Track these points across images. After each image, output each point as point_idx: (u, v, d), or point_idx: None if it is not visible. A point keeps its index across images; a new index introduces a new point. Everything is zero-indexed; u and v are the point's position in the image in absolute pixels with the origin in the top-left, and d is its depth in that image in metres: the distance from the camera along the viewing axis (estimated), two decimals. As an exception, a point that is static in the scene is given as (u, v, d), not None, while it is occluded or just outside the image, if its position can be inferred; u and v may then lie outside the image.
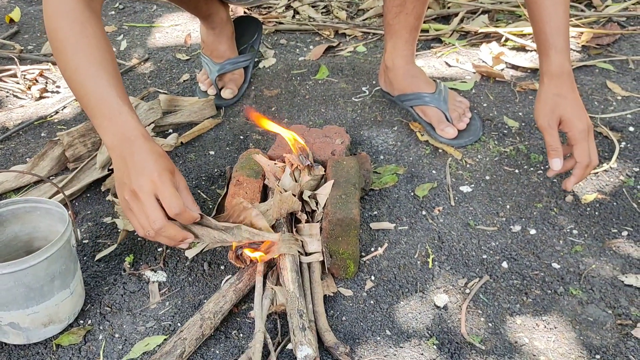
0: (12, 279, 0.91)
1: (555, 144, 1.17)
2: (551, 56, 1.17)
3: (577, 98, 1.18)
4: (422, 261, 1.13)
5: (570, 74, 1.18)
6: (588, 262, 1.11)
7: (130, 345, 0.98)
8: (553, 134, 1.17)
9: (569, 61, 1.18)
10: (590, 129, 1.16)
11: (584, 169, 1.15)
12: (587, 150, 1.14)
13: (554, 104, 1.17)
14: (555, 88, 1.18)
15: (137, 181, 0.93)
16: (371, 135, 1.46)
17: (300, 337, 0.92)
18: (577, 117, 1.15)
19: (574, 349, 0.96)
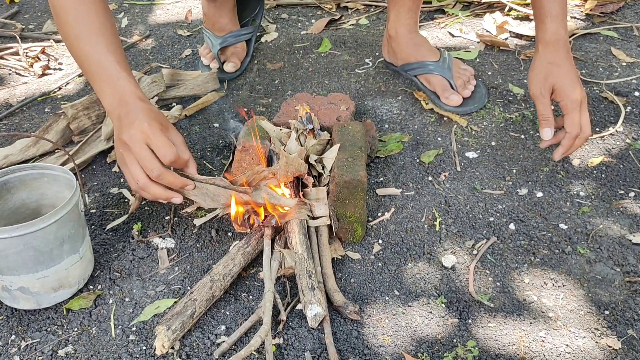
0: (21, 242, 0.91)
1: (547, 113, 1.14)
2: (547, 23, 1.15)
3: (571, 67, 1.15)
4: (429, 224, 1.13)
5: (566, 42, 1.16)
6: (595, 223, 1.11)
7: (141, 308, 0.99)
8: (545, 103, 1.14)
9: (565, 29, 1.15)
10: (584, 99, 1.12)
11: (572, 139, 1.12)
12: (578, 121, 1.11)
13: (547, 72, 1.14)
14: (550, 56, 1.15)
15: (128, 133, 0.95)
16: (375, 105, 1.46)
17: (309, 297, 0.93)
18: (570, 86, 1.12)
19: (582, 305, 0.97)
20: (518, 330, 0.93)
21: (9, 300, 0.99)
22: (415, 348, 0.91)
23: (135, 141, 0.95)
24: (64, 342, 0.95)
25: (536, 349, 0.90)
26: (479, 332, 0.93)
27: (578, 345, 0.91)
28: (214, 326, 0.95)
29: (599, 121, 1.35)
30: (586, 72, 1.51)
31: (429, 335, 0.93)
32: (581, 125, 1.12)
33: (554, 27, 1.14)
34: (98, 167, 1.32)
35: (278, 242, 1.05)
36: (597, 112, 1.38)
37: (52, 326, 0.97)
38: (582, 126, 1.12)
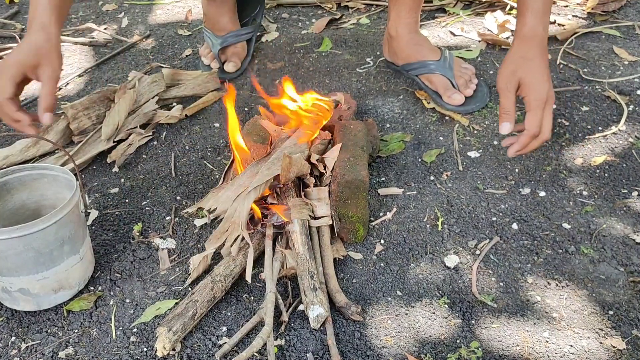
0: (21, 243, 0.90)
1: (508, 107, 1.10)
2: (526, 17, 1.11)
3: (543, 64, 1.10)
4: (431, 224, 1.12)
5: (543, 39, 1.12)
6: (599, 222, 1.10)
7: (142, 309, 0.98)
8: (508, 96, 1.10)
9: (544, 27, 1.12)
10: (550, 100, 1.08)
11: (530, 138, 1.07)
12: (538, 120, 1.06)
13: (516, 66, 1.10)
14: (523, 50, 1.11)
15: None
16: (377, 104, 1.45)
17: (311, 297, 0.92)
18: (536, 82, 1.07)
19: (586, 306, 0.96)
20: (522, 330, 0.93)
21: (9, 302, 0.98)
22: (418, 349, 0.91)
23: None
24: (64, 343, 0.94)
25: (540, 350, 0.90)
26: (482, 333, 0.93)
27: (582, 345, 0.90)
28: (215, 327, 0.95)
29: (602, 120, 1.34)
30: (588, 70, 1.50)
31: (432, 336, 0.93)
32: (542, 126, 1.07)
33: (532, 23, 1.11)
34: (98, 168, 1.31)
35: (280, 243, 1.05)
36: (600, 111, 1.37)
37: (52, 328, 0.96)
38: (542, 127, 1.07)
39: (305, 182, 1.11)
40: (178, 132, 1.40)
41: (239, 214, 1.01)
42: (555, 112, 1.37)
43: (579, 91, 1.44)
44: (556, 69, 1.52)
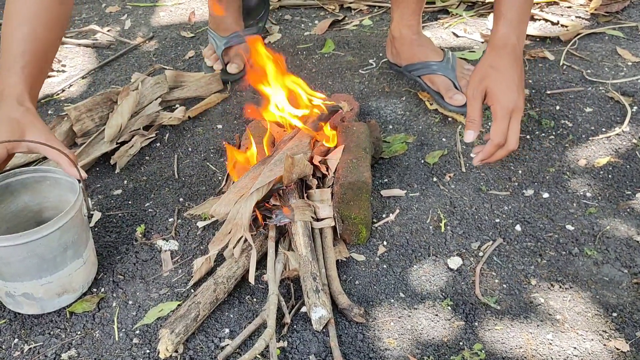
0: (25, 250, 0.90)
1: (473, 115, 1.08)
2: (499, 26, 1.09)
3: (513, 74, 1.07)
4: (434, 226, 1.12)
5: (515, 48, 1.08)
6: (602, 224, 1.10)
7: (144, 311, 0.98)
8: (474, 105, 1.08)
9: (518, 36, 1.09)
10: (518, 110, 1.05)
11: (494, 147, 1.05)
12: (503, 129, 1.04)
13: (484, 74, 1.08)
14: (492, 59, 1.09)
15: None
16: (379, 105, 1.45)
17: (314, 299, 0.92)
18: (503, 92, 1.05)
19: (590, 308, 0.96)
20: (525, 332, 0.92)
21: (12, 305, 0.98)
22: (421, 351, 0.90)
23: None
24: (67, 345, 0.94)
25: (543, 352, 0.89)
26: (485, 335, 0.92)
27: (586, 348, 0.90)
28: (217, 329, 0.95)
29: (605, 121, 1.34)
30: (591, 71, 1.50)
31: (435, 338, 0.92)
32: (507, 136, 1.04)
33: (504, 31, 1.09)
34: (101, 169, 1.31)
35: (282, 244, 1.04)
36: (603, 112, 1.37)
37: (55, 329, 0.96)
38: (508, 137, 1.04)
39: (308, 183, 1.10)
40: (181, 134, 1.40)
41: (242, 215, 1.01)
42: (558, 113, 1.37)
43: (582, 92, 1.43)
44: (559, 70, 1.52)
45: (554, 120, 1.35)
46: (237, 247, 1.00)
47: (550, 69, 1.52)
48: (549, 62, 1.55)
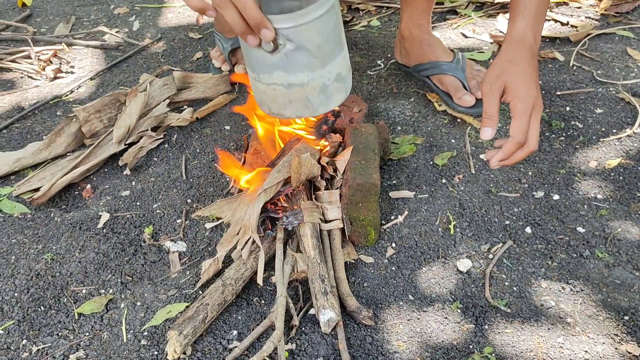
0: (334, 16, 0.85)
1: (491, 111, 1.01)
2: (516, 22, 1.06)
3: (531, 70, 1.03)
4: (443, 228, 1.11)
5: (532, 46, 1.05)
6: (614, 226, 1.09)
7: (152, 312, 0.98)
8: (491, 100, 1.01)
9: (535, 34, 1.06)
10: (537, 107, 1.00)
11: (514, 146, 0.98)
12: (524, 127, 0.98)
13: (502, 69, 1.03)
14: (510, 54, 1.05)
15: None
16: (388, 106, 1.45)
17: (322, 301, 0.92)
18: (522, 87, 1.00)
19: (601, 311, 0.95)
20: (536, 336, 0.91)
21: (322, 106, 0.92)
22: (431, 354, 0.90)
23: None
24: (75, 346, 0.94)
25: (554, 355, 0.88)
26: (495, 338, 0.91)
27: (597, 351, 0.89)
28: (225, 331, 0.94)
29: (616, 122, 1.33)
30: (602, 72, 1.48)
31: (445, 341, 0.92)
32: (528, 135, 0.98)
33: (522, 27, 1.06)
34: (110, 170, 1.31)
35: (290, 246, 1.04)
36: (614, 113, 1.35)
37: (63, 330, 0.97)
38: (528, 136, 0.98)
39: (316, 185, 1.10)
40: (189, 135, 1.40)
41: (250, 216, 1.01)
42: (568, 114, 1.36)
43: (592, 93, 1.42)
44: (569, 70, 1.51)
45: (564, 121, 1.34)
46: (245, 248, 1.00)
47: (560, 70, 1.51)
48: (559, 63, 1.54)
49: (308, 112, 0.94)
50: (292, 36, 0.84)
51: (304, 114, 0.94)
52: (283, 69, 0.88)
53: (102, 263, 1.08)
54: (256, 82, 0.93)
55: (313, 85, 0.90)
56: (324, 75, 0.90)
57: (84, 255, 1.10)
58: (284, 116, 0.94)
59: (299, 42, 0.85)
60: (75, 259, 1.09)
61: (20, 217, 1.21)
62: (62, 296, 1.02)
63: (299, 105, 0.92)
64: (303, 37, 0.84)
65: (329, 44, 0.88)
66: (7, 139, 1.44)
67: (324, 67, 0.89)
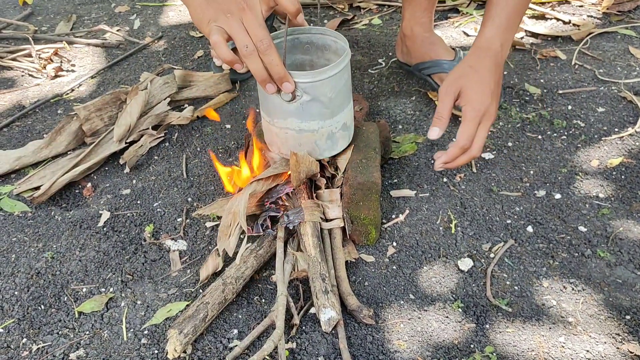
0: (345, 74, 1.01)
1: (442, 112, 1.03)
2: (486, 29, 1.07)
3: (489, 77, 1.03)
4: (444, 227, 1.11)
5: (497, 55, 1.05)
6: (615, 225, 1.08)
7: (153, 311, 0.98)
8: (445, 102, 1.03)
9: (503, 43, 1.05)
10: (489, 116, 1.01)
11: (458, 150, 1.01)
12: (471, 133, 1.00)
13: (461, 73, 1.04)
14: (473, 60, 1.05)
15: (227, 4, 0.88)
16: (389, 105, 1.44)
17: (323, 300, 0.91)
18: (476, 93, 1.01)
19: (603, 310, 0.94)
20: (537, 335, 0.91)
21: (328, 151, 1.07)
22: (432, 354, 0.89)
23: (254, 4, 0.87)
24: (75, 345, 0.94)
25: (556, 355, 0.88)
26: (497, 338, 0.91)
27: (599, 351, 0.88)
28: (226, 330, 0.94)
29: (618, 121, 1.32)
30: (604, 71, 1.48)
31: (446, 340, 0.91)
32: (473, 141, 1.01)
33: (489, 35, 1.06)
34: (110, 169, 1.31)
35: (291, 245, 1.04)
36: (616, 112, 1.35)
37: (63, 329, 0.96)
38: (474, 141, 1.01)
39: (317, 183, 1.10)
40: (189, 134, 1.40)
41: (238, 203, 1.01)
42: (570, 113, 1.35)
43: (594, 92, 1.42)
44: (571, 69, 1.50)
45: (566, 120, 1.33)
46: (233, 236, 1.00)
47: (562, 69, 1.51)
48: (561, 62, 1.54)
49: (315, 154, 1.07)
50: (309, 89, 0.97)
51: (311, 155, 1.06)
52: (297, 117, 1.01)
53: (103, 262, 1.08)
54: (270, 125, 1.06)
55: (322, 132, 1.04)
56: (332, 124, 1.04)
57: (84, 254, 1.10)
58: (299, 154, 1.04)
59: (314, 95, 0.98)
60: (75, 258, 1.09)
61: (20, 216, 1.21)
62: (62, 295, 1.02)
63: (307, 148, 1.05)
64: (318, 91, 0.98)
65: (340, 97, 1.02)
66: (8, 137, 1.44)
67: (333, 117, 1.03)
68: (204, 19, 0.91)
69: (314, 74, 0.97)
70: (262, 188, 1.06)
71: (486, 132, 1.02)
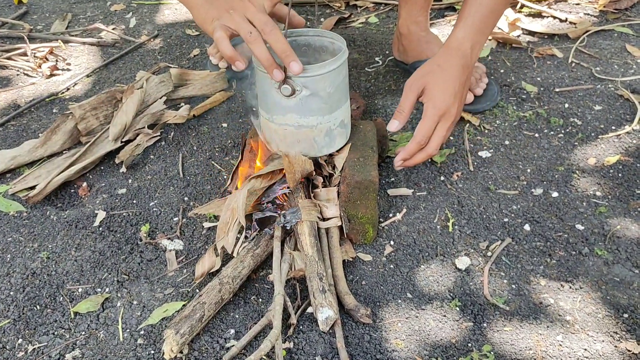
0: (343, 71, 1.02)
1: (404, 106, 1.05)
2: (458, 29, 1.07)
3: (454, 78, 1.04)
4: (441, 225, 1.11)
5: (466, 56, 1.05)
6: (613, 223, 1.08)
7: (149, 311, 0.97)
8: (408, 96, 1.05)
9: (473, 45, 1.06)
10: (449, 115, 1.03)
11: (415, 146, 1.03)
12: (429, 130, 1.02)
13: (428, 70, 1.05)
14: (442, 59, 1.06)
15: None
16: (386, 103, 1.44)
17: (320, 300, 0.91)
18: (439, 92, 1.02)
19: (600, 309, 0.94)
20: (535, 334, 0.91)
21: (326, 148, 1.07)
22: (429, 352, 0.89)
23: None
24: (71, 345, 0.93)
25: (553, 354, 0.88)
26: (494, 336, 0.91)
27: (596, 349, 0.88)
28: (223, 330, 0.94)
29: (615, 119, 1.32)
30: (600, 69, 1.48)
31: (443, 339, 0.91)
32: (430, 138, 1.02)
33: (460, 35, 1.06)
34: (106, 168, 1.31)
35: (288, 244, 1.03)
36: (613, 110, 1.35)
37: (59, 330, 0.96)
38: (431, 139, 1.02)
39: (314, 182, 1.09)
40: (186, 133, 1.39)
41: (237, 200, 1.00)
42: (567, 111, 1.35)
43: (591, 90, 1.41)
44: (568, 67, 1.50)
45: (563, 118, 1.33)
46: (232, 233, 0.99)
47: (559, 67, 1.51)
48: (558, 60, 1.54)
49: (313, 151, 1.07)
50: (308, 84, 0.99)
51: (309, 153, 1.07)
52: (296, 112, 1.02)
53: (98, 261, 1.07)
54: (269, 122, 1.07)
55: (320, 128, 1.04)
56: (331, 120, 1.05)
57: (80, 254, 1.09)
58: (291, 154, 1.06)
59: (314, 89, 0.99)
60: (71, 258, 1.09)
61: (16, 216, 1.20)
62: (58, 295, 1.02)
63: (306, 144, 1.06)
64: (318, 85, 0.99)
65: (338, 93, 1.03)
66: (3, 136, 1.43)
67: (331, 114, 1.04)
68: (207, 18, 0.93)
69: (314, 68, 0.98)
70: (261, 185, 1.05)
71: (445, 131, 1.04)
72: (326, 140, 1.07)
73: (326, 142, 1.07)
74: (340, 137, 1.09)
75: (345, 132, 1.10)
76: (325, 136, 1.06)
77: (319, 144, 1.07)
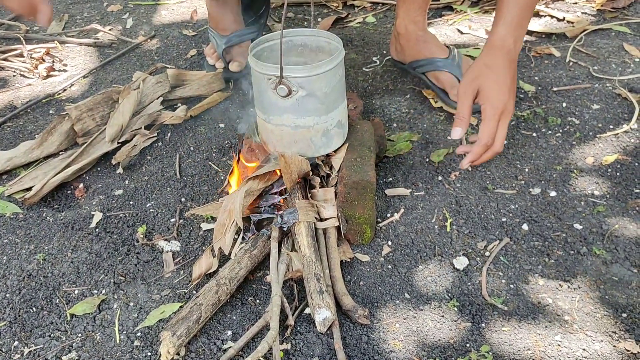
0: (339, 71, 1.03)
1: (462, 112, 1.07)
2: (498, 27, 1.09)
3: (505, 75, 1.07)
4: (439, 225, 1.10)
5: (511, 52, 1.08)
6: (611, 222, 1.08)
7: (146, 313, 0.97)
8: (464, 102, 1.07)
9: (515, 40, 1.08)
10: (507, 112, 1.05)
11: (482, 148, 1.06)
12: (492, 130, 1.04)
13: (478, 73, 1.08)
14: (487, 59, 1.09)
15: None
16: (383, 103, 1.44)
17: (318, 301, 0.91)
18: (494, 91, 1.05)
19: (599, 308, 0.94)
20: (533, 334, 0.91)
21: (323, 148, 1.08)
22: (427, 353, 0.89)
23: None
24: (67, 348, 0.93)
25: (552, 354, 0.88)
26: (492, 337, 0.91)
27: (595, 349, 0.88)
28: (220, 331, 0.93)
29: (613, 118, 1.32)
30: (598, 68, 1.48)
31: (441, 339, 0.91)
32: (495, 138, 1.05)
33: (502, 33, 1.08)
34: (102, 169, 1.30)
35: (285, 245, 1.03)
36: (611, 109, 1.35)
37: (55, 332, 0.95)
38: (495, 138, 1.05)
39: (312, 183, 1.09)
40: (183, 133, 1.39)
41: (234, 201, 1.00)
42: (565, 110, 1.35)
43: (589, 89, 1.41)
44: (566, 66, 1.50)
45: (561, 117, 1.33)
46: (229, 234, 0.99)
47: (557, 66, 1.51)
48: (555, 59, 1.54)
49: (310, 152, 1.08)
50: (305, 84, 0.99)
51: (306, 153, 1.07)
52: (293, 113, 1.02)
53: (95, 263, 1.07)
54: (265, 123, 1.07)
55: (317, 129, 1.05)
56: (327, 121, 1.05)
57: (76, 256, 1.09)
58: (287, 154, 1.05)
59: (310, 90, 1.00)
60: (67, 259, 1.08)
61: (12, 217, 1.19)
62: (54, 297, 1.01)
63: (303, 145, 1.06)
64: (314, 85, 1.00)
65: (334, 93, 1.03)
66: (-1, 138, 1.43)
67: (328, 114, 1.04)
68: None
69: (310, 69, 0.99)
70: (258, 186, 1.05)
71: (506, 128, 1.06)
72: (323, 141, 1.07)
73: (323, 142, 1.07)
74: (337, 137, 1.09)
75: (342, 132, 1.10)
76: (322, 136, 1.06)
77: (316, 144, 1.07)
